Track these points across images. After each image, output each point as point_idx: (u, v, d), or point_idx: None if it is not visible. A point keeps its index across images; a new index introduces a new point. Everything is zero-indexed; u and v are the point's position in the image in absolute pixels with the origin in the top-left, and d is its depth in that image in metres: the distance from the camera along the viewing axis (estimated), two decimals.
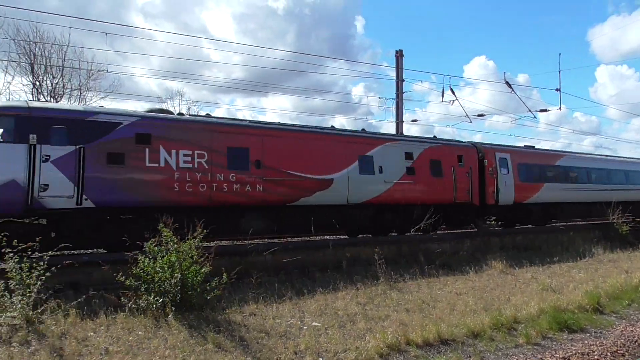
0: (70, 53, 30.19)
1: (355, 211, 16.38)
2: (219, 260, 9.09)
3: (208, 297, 8.35)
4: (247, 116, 60.01)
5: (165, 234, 8.40)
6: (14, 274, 7.23)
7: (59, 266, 7.83)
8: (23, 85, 29.97)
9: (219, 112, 68.02)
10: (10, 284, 7.17)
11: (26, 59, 29.07)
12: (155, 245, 8.36)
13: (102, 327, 7.37)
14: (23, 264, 7.28)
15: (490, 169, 20.13)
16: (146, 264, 8.12)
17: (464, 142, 21.20)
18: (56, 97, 29.08)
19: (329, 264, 12.26)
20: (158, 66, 62.57)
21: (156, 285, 8.08)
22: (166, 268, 8.11)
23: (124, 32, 69.58)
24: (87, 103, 28.95)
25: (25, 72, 29.36)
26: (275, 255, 11.89)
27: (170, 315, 7.76)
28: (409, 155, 17.75)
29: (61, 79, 30.07)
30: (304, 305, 9.15)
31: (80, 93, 30.72)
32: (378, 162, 16.79)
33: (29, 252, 7.62)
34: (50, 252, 8.03)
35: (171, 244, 8.36)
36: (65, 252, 11.71)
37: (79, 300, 8.21)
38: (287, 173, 14.68)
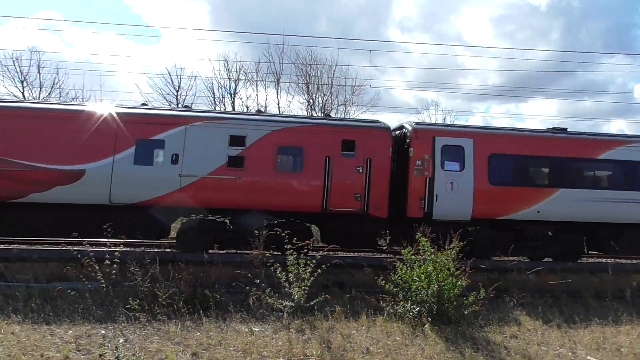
0: (338, 72, 33.68)
1: (128, 214, 12.03)
2: (475, 275, 8.71)
3: (465, 312, 8.06)
4: (505, 124, 56.96)
5: (422, 242, 8.46)
6: (292, 268, 8.20)
7: (328, 264, 8.56)
8: (300, 103, 34.60)
9: (474, 121, 66.10)
10: (290, 277, 8.15)
11: (303, 79, 33.55)
12: (412, 254, 8.49)
13: (363, 327, 7.78)
14: (300, 260, 8.20)
15: (419, 162, 12.94)
16: (403, 272, 8.30)
17: (376, 121, 14.17)
18: (325, 112, 32.66)
19: (608, 291, 10.57)
20: (413, 78, 64.42)
21: (413, 293, 8.18)
22: (423, 277, 8.14)
23: (383, 48, 73.90)
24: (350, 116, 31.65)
25: (302, 91, 33.89)
26: (541, 275, 10.87)
27: (426, 325, 7.73)
28: (237, 140, 12.53)
29: (330, 95, 33.73)
30: (575, 335, 8.06)
31: (345, 108, 33.86)
32: (173, 149, 12.27)
33: (306, 250, 8.54)
34: (321, 252, 8.83)
35: (428, 253, 8.37)
36: (332, 252, 12.90)
37: (344, 298, 8.93)
38: (4, 161, 11.56)
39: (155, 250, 10.53)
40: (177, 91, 33.16)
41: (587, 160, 13.95)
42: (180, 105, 31.22)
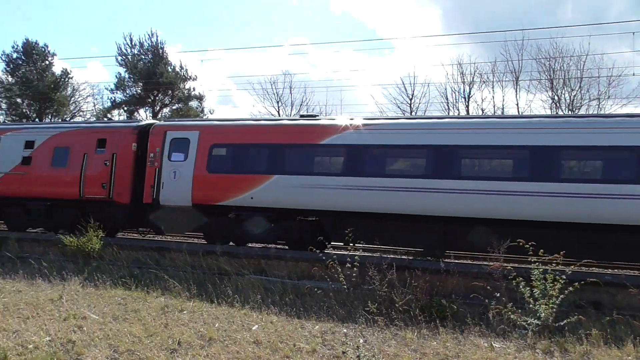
0: (589, 62, 29.76)
1: None
2: None
3: None
4: None
5: None
6: (538, 284, 7.46)
7: (582, 282, 7.56)
8: (542, 101, 31.74)
9: None
10: (535, 292, 7.43)
11: (545, 75, 30.66)
12: None
13: (630, 358, 6.58)
14: (547, 275, 7.42)
15: (152, 154, 14.56)
16: None
17: (132, 121, 18.26)
18: (574, 109, 29.22)
19: None
20: None
21: None
22: None
23: None
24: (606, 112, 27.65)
25: (544, 88, 31.02)
26: None
27: None
28: (29, 144, 16.23)
29: (579, 90, 30.03)
30: None
31: (599, 102, 29.72)
32: None
33: (555, 263, 7.69)
34: (572, 267, 7.84)
35: None
36: (585, 268, 11.42)
37: (602, 321, 7.75)
38: None
39: (392, 256, 10.81)
40: (411, 99, 33.94)
41: (308, 146, 13.49)
42: (413, 114, 31.83)
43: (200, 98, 45.88)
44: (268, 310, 8.28)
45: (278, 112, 39.74)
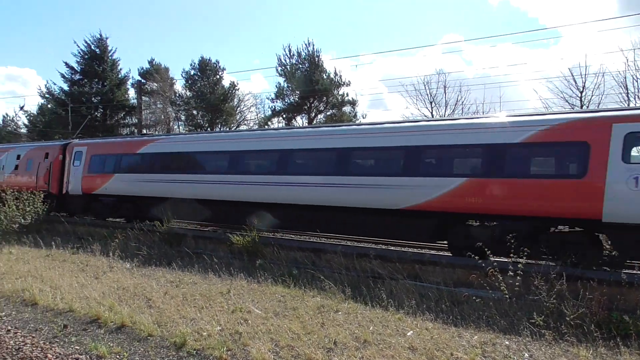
0: None
1: None
2: None
3: None
4: None
5: None
6: None
7: None
8: None
9: None
10: None
11: None
12: None
13: None
14: None
15: (67, 162, 22.70)
16: None
17: (64, 141, 25.50)
18: None
19: None
20: None
21: None
22: None
23: None
24: None
25: None
26: None
27: None
28: (18, 157, 25.38)
29: None
30: None
31: None
32: (2, 163, 26.18)
33: None
34: None
35: None
36: None
37: None
38: None
39: (561, 265, 9.83)
40: (581, 92, 30.78)
41: (131, 154, 20.72)
42: (584, 107, 28.91)
43: (353, 103, 46.91)
44: (423, 316, 8.04)
45: (431, 112, 38.91)
